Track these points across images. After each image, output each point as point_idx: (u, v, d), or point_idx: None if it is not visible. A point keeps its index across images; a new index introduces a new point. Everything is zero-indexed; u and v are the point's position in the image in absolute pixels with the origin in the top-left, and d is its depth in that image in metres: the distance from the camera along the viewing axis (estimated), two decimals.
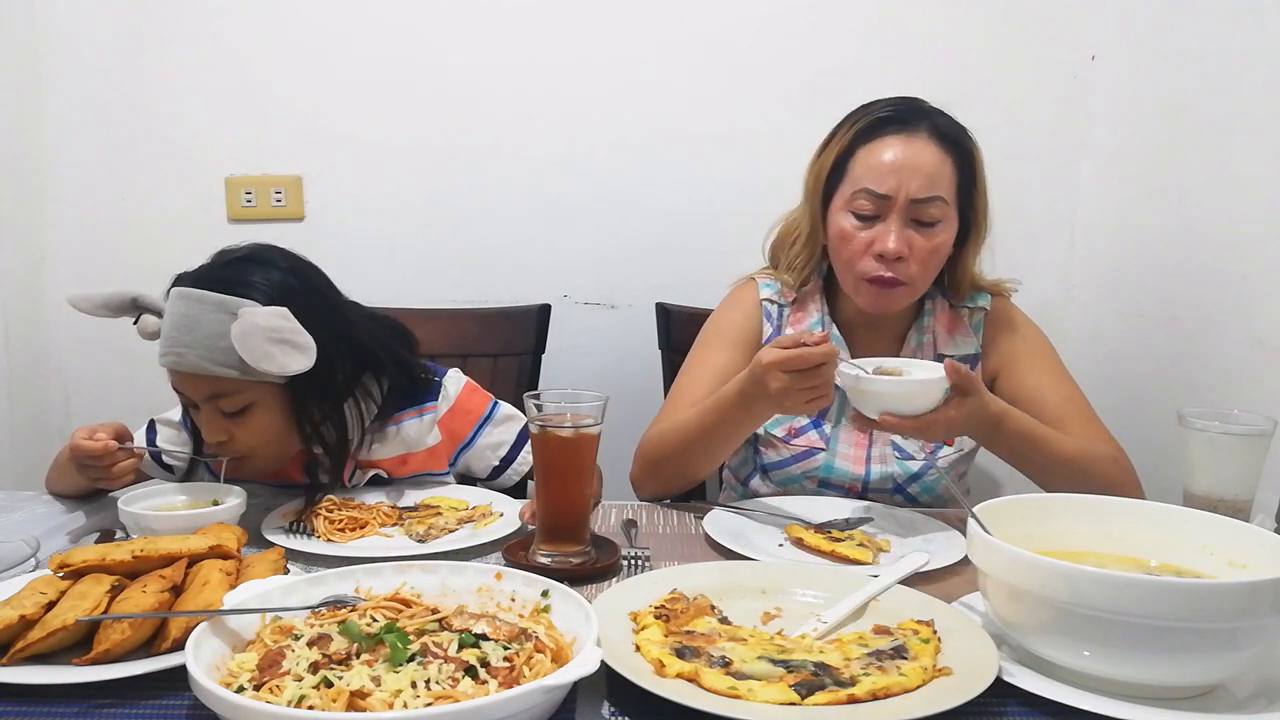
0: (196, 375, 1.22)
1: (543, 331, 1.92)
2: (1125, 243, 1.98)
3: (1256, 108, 1.59)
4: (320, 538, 1.21)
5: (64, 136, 2.13)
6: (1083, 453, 1.34)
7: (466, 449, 1.48)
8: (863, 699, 0.79)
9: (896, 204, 1.36)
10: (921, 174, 1.36)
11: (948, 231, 1.40)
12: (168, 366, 1.25)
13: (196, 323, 1.21)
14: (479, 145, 2.13)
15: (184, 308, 1.22)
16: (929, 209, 1.36)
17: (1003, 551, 0.84)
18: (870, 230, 1.38)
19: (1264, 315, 1.56)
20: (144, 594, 0.88)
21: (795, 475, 1.51)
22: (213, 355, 1.20)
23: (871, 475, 1.48)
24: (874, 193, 1.37)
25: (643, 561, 1.15)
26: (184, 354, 1.21)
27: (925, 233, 1.38)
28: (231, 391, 1.24)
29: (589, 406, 1.15)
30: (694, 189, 2.15)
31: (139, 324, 1.27)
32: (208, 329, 1.20)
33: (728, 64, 2.10)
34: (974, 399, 1.22)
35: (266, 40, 2.10)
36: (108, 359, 2.20)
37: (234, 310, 1.20)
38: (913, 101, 1.43)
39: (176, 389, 1.29)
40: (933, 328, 1.50)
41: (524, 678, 0.77)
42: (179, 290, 1.24)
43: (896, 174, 1.36)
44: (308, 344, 1.20)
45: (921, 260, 1.38)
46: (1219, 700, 0.82)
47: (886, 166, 1.37)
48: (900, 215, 1.36)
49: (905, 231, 1.37)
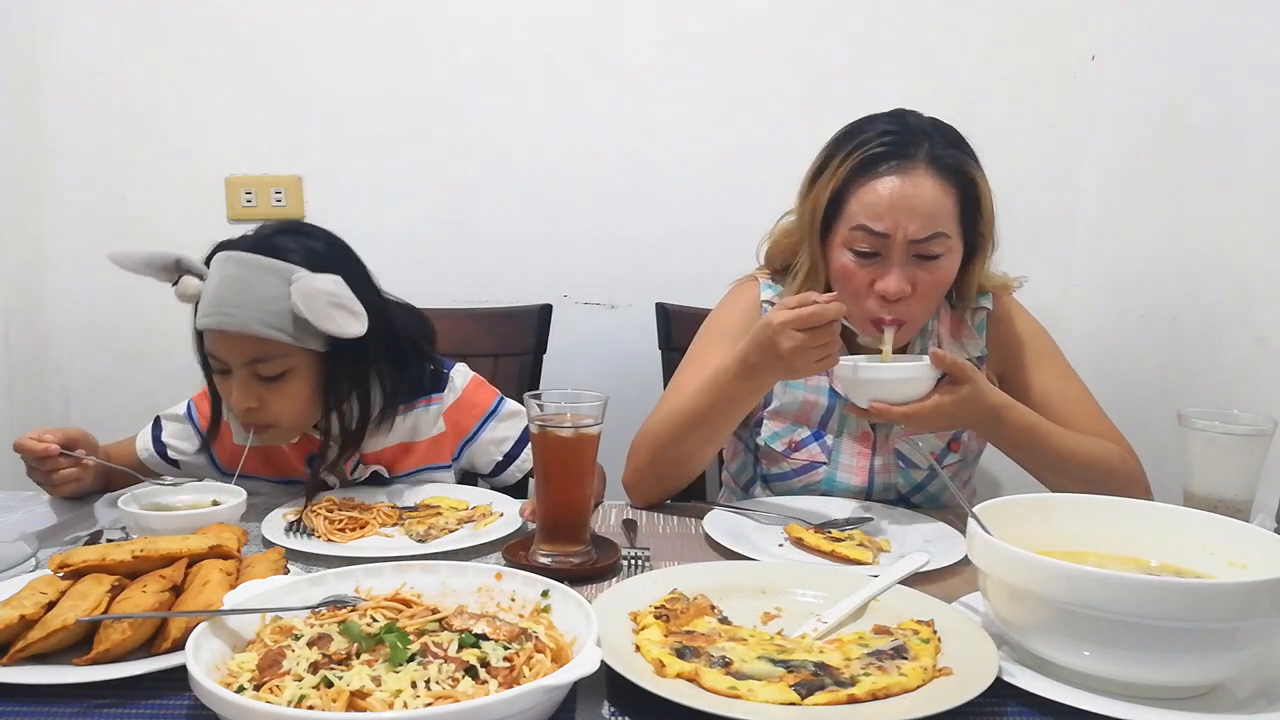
0: (242, 337, 1.23)
1: (544, 331, 1.92)
2: (1125, 243, 1.98)
3: (1256, 108, 1.59)
4: (320, 538, 1.21)
5: (64, 136, 2.13)
6: (1090, 449, 1.33)
7: (470, 442, 1.49)
8: (863, 699, 0.79)
9: (896, 242, 1.31)
10: (921, 214, 1.30)
11: (951, 262, 1.35)
12: (212, 327, 1.25)
13: (248, 285, 1.23)
14: (479, 145, 2.13)
15: (235, 270, 1.24)
16: (930, 246, 1.31)
17: (1003, 551, 0.84)
18: (871, 267, 1.33)
19: (1264, 315, 1.56)
20: (144, 594, 0.88)
21: (796, 489, 1.49)
22: (263, 317, 1.22)
23: (875, 487, 1.46)
24: (872, 231, 1.31)
25: (643, 561, 1.15)
26: (233, 314, 1.22)
27: (928, 266, 1.33)
28: (273, 355, 1.26)
29: (589, 406, 1.15)
30: (694, 189, 2.15)
31: (179, 286, 1.26)
32: (259, 291, 1.22)
33: (727, 65, 2.10)
34: (968, 387, 1.22)
35: (266, 40, 2.10)
36: (108, 359, 2.20)
37: (287, 276, 1.23)
38: (907, 124, 1.35)
39: (212, 353, 1.29)
40: (936, 332, 1.49)
41: (524, 678, 0.77)
42: (229, 254, 1.25)
43: (894, 214, 1.30)
44: (361, 311, 1.24)
45: (924, 296, 1.34)
46: (1219, 700, 0.82)
47: (884, 205, 1.30)
48: (901, 253, 1.31)
49: (907, 269, 1.32)
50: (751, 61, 2.10)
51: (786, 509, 1.34)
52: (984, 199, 1.36)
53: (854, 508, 1.36)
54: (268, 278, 1.23)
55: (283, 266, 1.24)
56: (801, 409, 1.48)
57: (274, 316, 1.22)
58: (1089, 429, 1.38)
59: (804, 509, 1.34)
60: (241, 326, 1.22)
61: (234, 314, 1.22)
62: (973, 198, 1.35)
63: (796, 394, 1.48)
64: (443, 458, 1.48)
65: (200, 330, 1.27)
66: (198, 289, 1.25)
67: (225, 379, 1.30)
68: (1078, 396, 1.44)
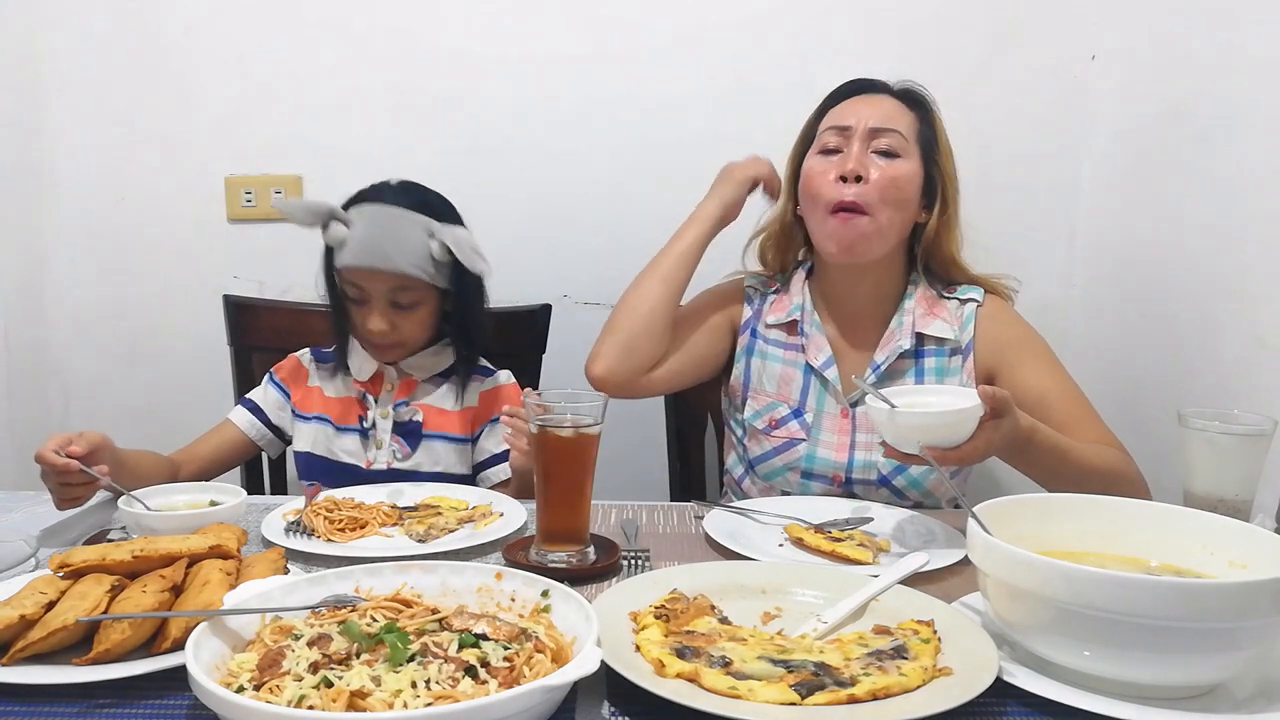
0: (392, 272, 1.50)
1: (544, 332, 1.92)
2: (1125, 243, 1.98)
3: (1256, 108, 1.59)
4: (320, 538, 1.21)
5: (64, 136, 2.13)
6: (1104, 462, 1.33)
7: (493, 423, 1.65)
8: (863, 699, 0.79)
9: (856, 131, 1.45)
10: (881, 111, 1.47)
11: (909, 166, 1.46)
12: (366, 265, 1.50)
13: (399, 230, 1.51)
14: (479, 145, 2.13)
15: (388, 219, 1.52)
16: (887, 139, 1.45)
17: (1003, 551, 0.84)
18: (834, 162, 1.46)
19: (1264, 315, 1.56)
20: (144, 594, 0.88)
21: (778, 468, 1.51)
22: (412, 258, 1.50)
23: (855, 462, 1.48)
24: (838, 127, 1.48)
25: (643, 561, 1.15)
26: (388, 254, 1.49)
27: (886, 161, 1.44)
28: (413, 287, 1.53)
29: (589, 406, 1.15)
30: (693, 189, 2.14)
31: (329, 233, 1.53)
32: (409, 236, 1.50)
33: (727, 64, 2.10)
34: (1009, 419, 1.17)
35: (266, 40, 2.10)
36: (108, 359, 2.20)
37: (427, 226, 1.52)
38: (879, 79, 1.54)
39: (357, 285, 1.54)
40: (912, 310, 1.51)
41: (524, 678, 0.77)
42: (382, 207, 1.53)
43: (855, 109, 1.48)
44: (487, 258, 1.54)
45: (882, 187, 1.43)
46: (1219, 700, 0.82)
47: (849, 108, 1.50)
48: (861, 142, 1.45)
49: (865, 157, 1.44)
50: (751, 62, 2.09)
51: (787, 509, 1.34)
52: (940, 132, 1.51)
53: (854, 508, 1.36)
54: (414, 226, 1.51)
55: (423, 219, 1.52)
56: (779, 385, 1.54)
57: (418, 258, 1.50)
58: (1088, 431, 1.39)
59: (804, 509, 1.34)
60: (393, 264, 1.49)
61: (387, 253, 1.49)
62: (931, 125, 1.50)
63: (774, 367, 1.54)
64: (467, 430, 1.66)
65: (346, 267, 1.52)
66: (345, 234, 1.51)
67: (362, 308, 1.55)
68: (1075, 397, 1.44)
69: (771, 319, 1.58)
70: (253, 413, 1.67)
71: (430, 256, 1.51)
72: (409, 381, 1.65)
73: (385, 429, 1.63)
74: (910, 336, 1.49)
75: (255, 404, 1.68)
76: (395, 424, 1.63)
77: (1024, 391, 1.44)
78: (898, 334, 1.50)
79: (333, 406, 1.65)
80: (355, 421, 1.64)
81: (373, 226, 1.51)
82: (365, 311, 1.56)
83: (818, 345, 1.54)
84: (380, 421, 1.63)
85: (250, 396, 1.69)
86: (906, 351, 1.49)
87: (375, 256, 1.49)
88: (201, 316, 2.05)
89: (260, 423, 1.67)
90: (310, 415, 1.65)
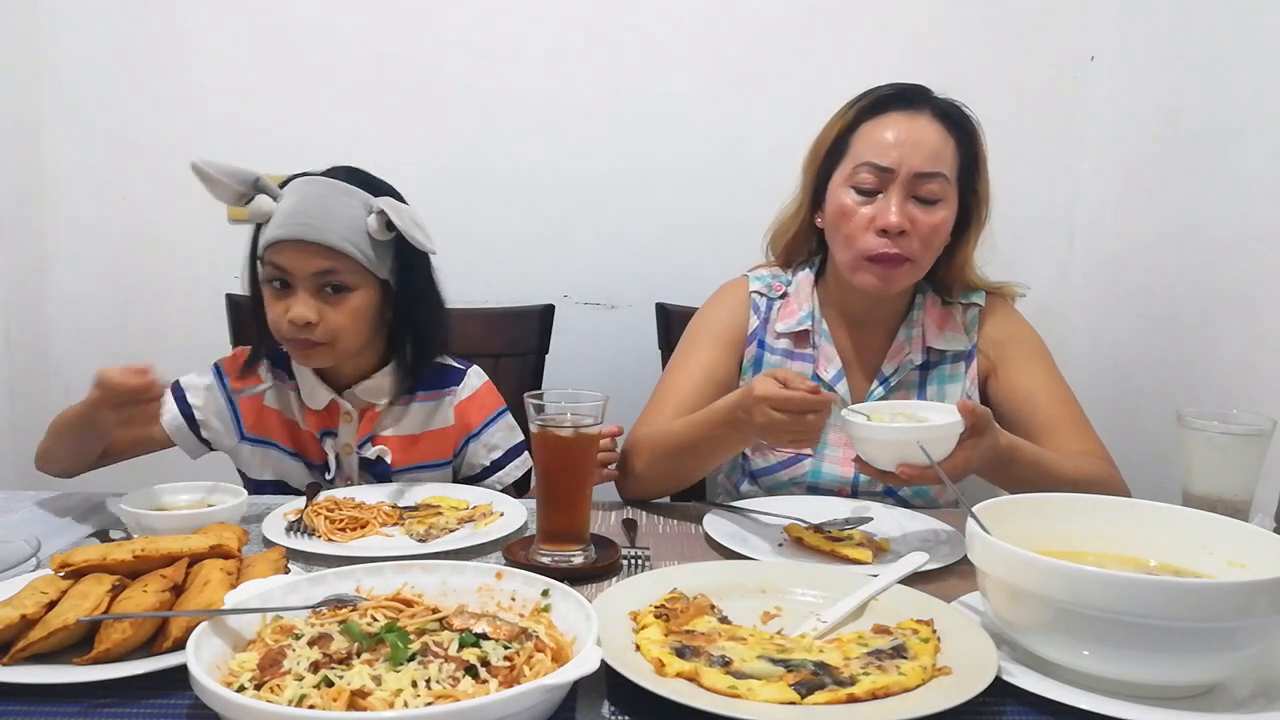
0: (318, 249, 1.30)
1: (546, 332, 1.92)
2: (1125, 243, 1.98)
3: (1255, 108, 1.59)
4: (321, 537, 1.21)
5: (64, 137, 2.13)
6: (1086, 476, 1.30)
7: (474, 439, 1.53)
8: (862, 698, 0.79)
9: (899, 177, 1.35)
10: (925, 149, 1.35)
11: (948, 210, 1.39)
12: (290, 236, 1.30)
13: (330, 202, 1.33)
14: (479, 145, 2.13)
15: (319, 190, 1.34)
16: (931, 185, 1.36)
17: (1002, 551, 0.85)
18: (871, 206, 1.37)
19: (1264, 315, 1.56)
20: (145, 594, 0.88)
21: (783, 481, 1.50)
22: (341, 231, 1.31)
23: (860, 477, 1.46)
24: (877, 166, 1.36)
25: (643, 561, 1.15)
26: (316, 226, 1.30)
27: (926, 210, 1.37)
28: (343, 270, 1.33)
29: (589, 406, 1.15)
30: (694, 189, 2.15)
31: (252, 205, 1.33)
32: (340, 209, 1.32)
33: (727, 64, 2.10)
34: (989, 436, 1.16)
35: (267, 40, 2.10)
36: (108, 359, 2.17)
37: (365, 200, 1.34)
38: (918, 86, 1.42)
39: (279, 266, 1.33)
40: (922, 321, 1.50)
41: (524, 677, 0.77)
42: (311, 177, 1.36)
43: (899, 148, 1.35)
44: (431, 237, 1.35)
45: (924, 237, 1.37)
46: (1219, 700, 0.82)
47: (890, 141, 1.36)
48: (902, 189, 1.35)
49: (907, 206, 1.36)
50: (752, 61, 2.10)
51: (787, 509, 1.34)
52: (981, 157, 1.43)
53: (854, 508, 1.36)
54: (348, 199, 1.33)
55: (360, 193, 1.34)
56: None
57: (351, 233, 1.32)
58: (1071, 437, 1.38)
59: (803, 509, 1.34)
60: (321, 238, 1.30)
61: (314, 225, 1.30)
62: (973, 152, 1.41)
63: None
64: (444, 454, 1.52)
65: (269, 245, 1.32)
66: (270, 208, 1.32)
67: (284, 296, 1.34)
68: (1064, 400, 1.44)
69: (781, 326, 1.52)
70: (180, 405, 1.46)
71: (366, 233, 1.33)
72: (371, 414, 1.46)
73: (352, 464, 1.47)
74: (921, 351, 1.48)
75: (187, 402, 1.47)
76: (361, 459, 1.47)
77: (1013, 388, 1.44)
78: (906, 346, 1.49)
79: (287, 431, 1.48)
80: (315, 458, 1.47)
81: (302, 200, 1.32)
82: (285, 302, 1.34)
83: (828, 357, 1.50)
84: (344, 458, 1.47)
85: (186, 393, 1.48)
86: (916, 365, 1.49)
87: (300, 226, 1.30)
88: (202, 316, 2.05)
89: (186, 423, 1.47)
90: (260, 439, 1.45)
